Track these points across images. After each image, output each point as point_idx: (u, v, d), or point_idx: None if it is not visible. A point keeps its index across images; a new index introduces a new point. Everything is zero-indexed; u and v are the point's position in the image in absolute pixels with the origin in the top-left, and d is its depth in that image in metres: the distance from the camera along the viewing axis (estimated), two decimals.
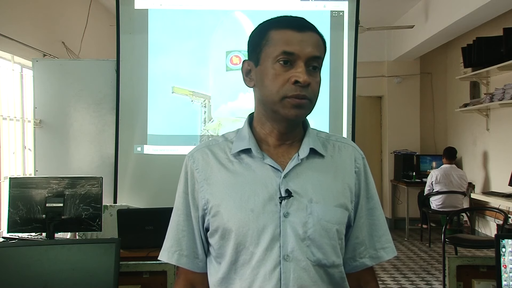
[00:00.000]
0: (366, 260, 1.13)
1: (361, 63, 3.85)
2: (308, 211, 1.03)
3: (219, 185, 1.08)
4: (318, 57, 1.03)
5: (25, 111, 3.96)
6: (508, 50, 4.67)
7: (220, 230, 1.06)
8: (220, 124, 3.29)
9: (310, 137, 1.10)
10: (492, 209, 4.48)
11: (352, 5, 3.26)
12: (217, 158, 1.11)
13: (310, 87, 1.02)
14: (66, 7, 4.68)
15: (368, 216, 1.13)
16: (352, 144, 1.16)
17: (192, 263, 1.13)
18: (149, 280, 1.68)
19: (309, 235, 1.02)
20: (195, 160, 1.13)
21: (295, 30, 1.03)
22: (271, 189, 1.04)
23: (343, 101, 3.31)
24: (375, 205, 1.14)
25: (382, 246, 1.13)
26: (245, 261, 1.04)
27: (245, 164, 1.08)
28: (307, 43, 1.02)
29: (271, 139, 1.10)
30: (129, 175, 3.30)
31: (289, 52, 1.01)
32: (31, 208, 2.56)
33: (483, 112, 5.68)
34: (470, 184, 6.02)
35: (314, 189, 1.05)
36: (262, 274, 1.02)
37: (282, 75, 1.02)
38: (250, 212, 1.03)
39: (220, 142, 1.14)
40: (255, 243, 1.03)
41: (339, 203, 1.07)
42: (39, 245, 1.57)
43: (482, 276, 1.65)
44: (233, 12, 3.30)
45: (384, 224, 1.15)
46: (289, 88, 1.01)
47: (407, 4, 5.95)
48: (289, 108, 1.02)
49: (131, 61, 3.31)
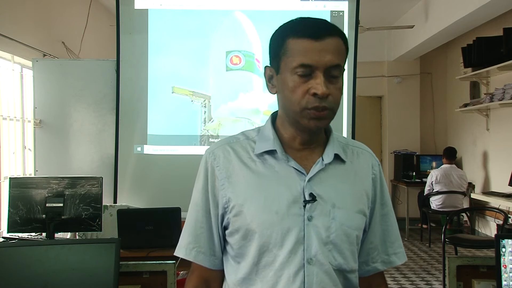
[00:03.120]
0: (378, 264, 1.15)
1: (361, 63, 3.85)
2: (331, 216, 1.04)
3: (241, 184, 1.07)
4: (337, 65, 1.00)
5: (25, 111, 3.96)
6: (508, 50, 4.67)
7: (242, 231, 1.05)
8: (220, 124, 3.29)
9: (334, 142, 1.11)
10: (492, 209, 4.48)
11: (352, 5, 3.26)
12: (239, 156, 1.09)
13: (331, 96, 1.01)
14: (66, 7, 4.68)
15: (382, 222, 1.15)
16: (369, 151, 1.17)
17: (209, 260, 1.11)
18: (149, 280, 1.68)
19: (331, 239, 1.03)
20: (216, 157, 1.10)
21: (312, 39, 0.99)
22: (295, 191, 1.04)
23: (343, 101, 3.31)
24: (389, 211, 1.16)
25: (394, 251, 1.16)
26: (267, 263, 1.04)
27: (268, 165, 1.08)
28: (326, 52, 0.99)
29: (295, 144, 1.10)
30: (129, 175, 3.30)
31: (306, 65, 0.99)
32: (31, 208, 2.56)
33: (483, 112, 5.68)
34: (470, 184, 6.02)
35: (337, 195, 1.06)
36: (285, 277, 1.02)
37: (301, 87, 1.00)
38: (274, 214, 1.03)
39: (242, 140, 1.12)
40: (279, 245, 1.02)
41: (359, 209, 1.08)
42: (39, 245, 1.57)
43: (482, 276, 1.65)
44: (233, 12, 3.30)
45: (397, 230, 1.17)
46: (308, 100, 1.00)
47: (407, 4, 5.95)
48: (309, 119, 1.02)
49: (131, 61, 3.31)
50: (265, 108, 3.25)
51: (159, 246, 2.53)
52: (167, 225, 2.57)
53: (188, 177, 3.32)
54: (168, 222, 2.57)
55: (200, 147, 3.26)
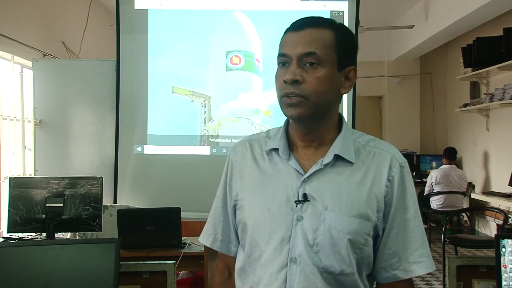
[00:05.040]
0: (398, 272, 1.07)
1: (361, 63, 3.84)
2: (321, 218, 1.03)
3: (248, 180, 1.12)
4: (311, 53, 1.01)
5: (25, 111, 3.96)
6: (508, 50, 4.67)
7: (241, 224, 1.11)
8: (220, 124, 3.29)
9: (342, 142, 1.07)
10: (492, 209, 4.48)
11: (352, 5, 3.26)
12: (253, 152, 1.14)
13: (305, 84, 1.01)
14: (66, 7, 4.68)
15: (402, 227, 1.07)
16: (392, 152, 1.09)
17: (227, 247, 1.19)
18: (149, 280, 1.68)
19: (318, 242, 1.02)
20: (236, 152, 1.17)
21: (292, 31, 1.05)
22: (290, 191, 1.05)
23: (343, 101, 3.31)
24: (411, 216, 1.07)
25: (416, 260, 1.07)
26: (256, 257, 1.07)
27: (273, 163, 1.11)
28: (300, 41, 1.02)
29: (297, 141, 1.11)
30: (129, 175, 3.30)
31: (283, 54, 1.04)
32: (31, 208, 2.56)
33: (483, 112, 5.68)
34: (470, 184, 6.02)
35: (332, 197, 1.03)
36: (269, 273, 1.04)
37: (280, 76, 1.05)
38: (266, 211, 1.06)
39: (261, 137, 1.17)
40: (266, 242, 1.05)
41: (358, 213, 1.03)
42: (39, 245, 1.57)
43: (482, 276, 1.65)
44: (233, 12, 3.30)
45: (421, 238, 1.08)
46: (281, 87, 1.04)
47: (407, 4, 5.95)
48: (285, 108, 1.05)
49: (131, 61, 3.31)
50: (265, 108, 3.25)
51: (159, 246, 2.53)
52: (167, 225, 2.57)
53: (188, 177, 3.36)
54: (168, 222, 2.57)
55: (200, 147, 3.26)
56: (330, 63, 1.03)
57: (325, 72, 1.02)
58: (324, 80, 1.02)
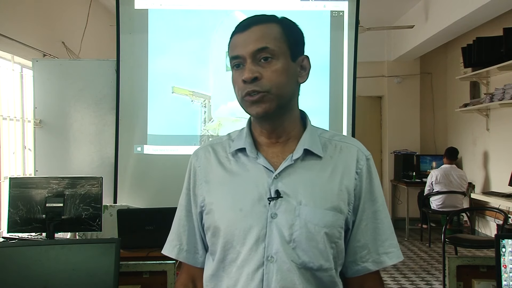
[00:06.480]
0: (368, 264, 1.08)
1: (361, 63, 3.84)
2: (296, 213, 1.02)
3: (215, 183, 1.10)
4: (264, 48, 1.02)
5: (25, 111, 3.96)
6: (508, 50, 4.67)
7: (211, 228, 1.08)
8: (220, 124, 3.29)
9: (308, 137, 1.08)
10: (492, 209, 4.48)
11: (352, 5, 3.26)
12: (218, 156, 1.13)
13: (264, 79, 1.02)
14: (66, 7, 4.68)
15: (371, 219, 1.08)
16: (357, 145, 1.12)
17: (193, 258, 1.16)
18: (149, 280, 1.68)
19: (294, 237, 1.01)
20: (198, 158, 1.16)
21: (239, 32, 1.06)
22: (262, 189, 1.04)
23: (343, 101, 3.31)
24: (379, 208, 1.09)
25: (385, 251, 1.09)
26: (232, 260, 1.05)
27: (241, 164, 1.09)
28: (249, 40, 1.03)
29: (262, 139, 1.10)
30: (129, 175, 3.30)
31: (235, 56, 1.05)
32: (31, 208, 2.56)
33: (483, 112, 5.69)
34: (470, 184, 6.02)
35: (305, 191, 1.03)
36: (245, 274, 1.02)
37: (238, 79, 1.05)
38: (239, 211, 1.04)
39: (224, 141, 1.16)
40: (241, 242, 1.03)
41: (332, 206, 1.03)
42: (39, 245, 1.57)
43: (482, 276, 1.65)
44: (233, 12, 3.30)
45: (389, 228, 1.10)
46: (241, 88, 1.04)
47: (407, 4, 5.95)
48: (249, 107, 1.04)
49: (131, 61, 3.31)
50: None
51: (159, 246, 2.49)
52: (167, 225, 2.52)
53: None
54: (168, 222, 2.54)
55: None
56: (284, 55, 1.04)
57: (281, 64, 1.03)
58: (282, 72, 1.03)
